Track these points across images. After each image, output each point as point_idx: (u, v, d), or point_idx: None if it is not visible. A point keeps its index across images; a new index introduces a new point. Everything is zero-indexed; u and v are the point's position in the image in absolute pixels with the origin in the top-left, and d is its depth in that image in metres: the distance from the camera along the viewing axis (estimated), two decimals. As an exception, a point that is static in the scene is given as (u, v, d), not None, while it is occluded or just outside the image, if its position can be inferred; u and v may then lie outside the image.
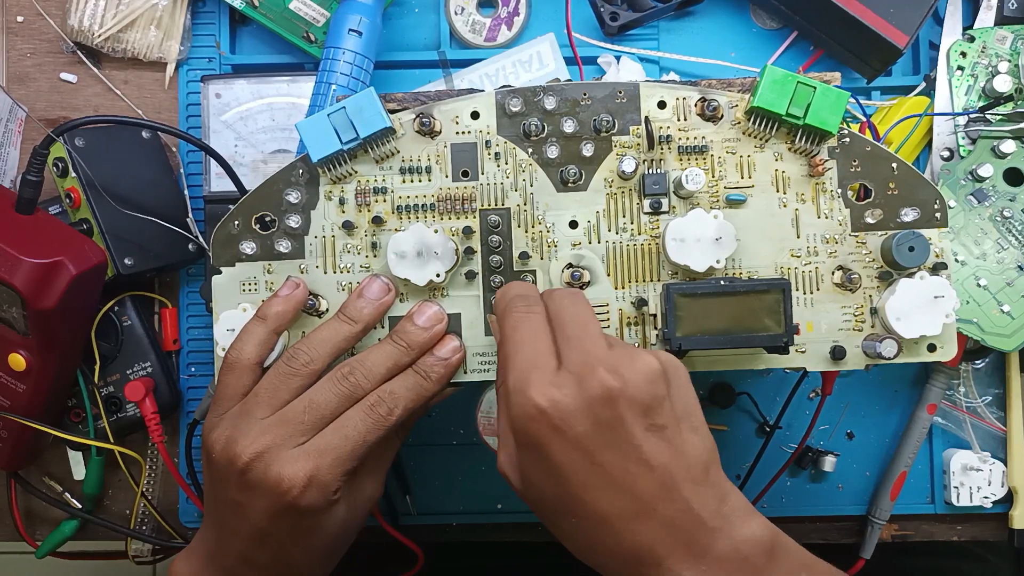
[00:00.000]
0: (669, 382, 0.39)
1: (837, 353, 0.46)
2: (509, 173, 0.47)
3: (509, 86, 0.47)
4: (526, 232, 0.47)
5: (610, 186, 0.47)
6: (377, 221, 0.47)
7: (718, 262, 0.44)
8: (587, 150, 0.46)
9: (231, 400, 0.45)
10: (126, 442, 0.62)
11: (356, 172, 0.47)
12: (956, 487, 0.61)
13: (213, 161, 0.58)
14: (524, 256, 0.46)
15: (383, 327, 0.47)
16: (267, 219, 0.47)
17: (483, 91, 0.47)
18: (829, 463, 0.62)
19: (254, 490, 0.42)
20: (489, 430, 0.58)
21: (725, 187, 0.46)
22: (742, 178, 0.46)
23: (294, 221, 0.47)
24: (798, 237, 0.46)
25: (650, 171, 0.46)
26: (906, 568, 0.69)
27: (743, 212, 0.46)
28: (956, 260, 0.56)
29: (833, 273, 0.46)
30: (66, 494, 0.63)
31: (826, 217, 0.46)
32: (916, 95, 0.61)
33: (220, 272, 0.48)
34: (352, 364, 0.44)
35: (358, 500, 0.46)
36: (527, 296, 0.43)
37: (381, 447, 0.45)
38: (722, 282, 0.44)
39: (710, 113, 0.46)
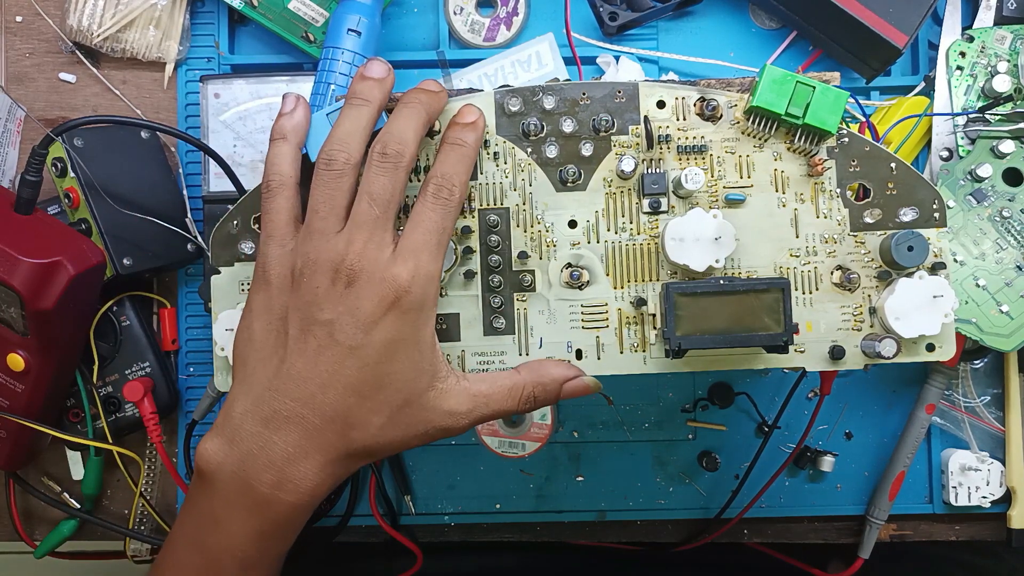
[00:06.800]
0: None
1: (836, 353, 0.46)
2: (508, 173, 0.47)
3: (508, 86, 0.47)
4: (525, 232, 0.47)
5: (609, 186, 0.47)
6: (376, 221, 0.47)
7: (717, 262, 0.44)
8: (586, 150, 0.46)
9: (289, 224, 0.43)
10: (124, 442, 0.62)
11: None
12: (954, 487, 0.61)
13: (212, 161, 0.58)
14: (523, 256, 0.46)
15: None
16: (266, 219, 0.47)
17: (482, 91, 0.47)
18: (827, 463, 0.62)
19: (360, 298, 0.41)
20: (487, 430, 0.58)
21: (724, 187, 0.46)
22: (741, 178, 0.46)
23: (293, 221, 0.47)
24: (797, 237, 0.46)
25: (649, 171, 0.46)
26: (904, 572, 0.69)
27: (742, 212, 0.46)
28: (955, 260, 0.57)
29: (832, 273, 0.46)
30: (65, 494, 0.63)
31: (825, 217, 0.46)
32: (915, 95, 0.61)
33: (219, 272, 0.47)
34: (382, 140, 0.42)
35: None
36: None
37: None
38: (721, 281, 0.44)
39: (709, 113, 0.46)
